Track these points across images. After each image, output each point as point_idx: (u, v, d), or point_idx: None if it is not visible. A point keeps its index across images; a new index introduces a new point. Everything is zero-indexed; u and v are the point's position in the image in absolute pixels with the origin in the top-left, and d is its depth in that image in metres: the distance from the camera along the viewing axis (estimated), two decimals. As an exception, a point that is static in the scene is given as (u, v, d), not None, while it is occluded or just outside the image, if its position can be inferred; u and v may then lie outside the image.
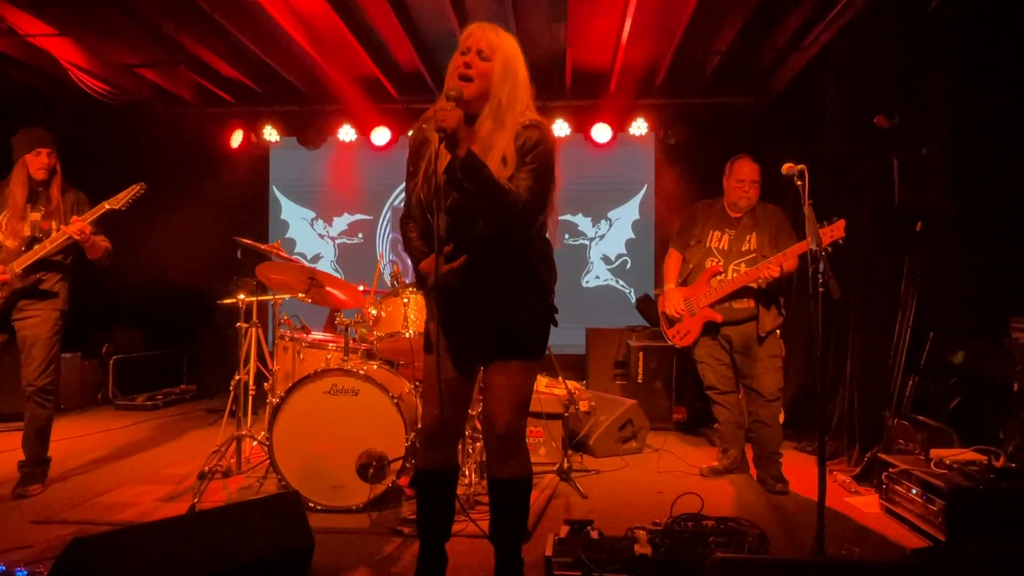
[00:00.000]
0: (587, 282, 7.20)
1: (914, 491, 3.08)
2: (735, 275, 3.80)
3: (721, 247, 3.91)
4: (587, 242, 7.20)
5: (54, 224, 3.59)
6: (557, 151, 2.24)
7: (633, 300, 6.84)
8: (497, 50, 2.19)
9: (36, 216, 3.63)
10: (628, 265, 7.16)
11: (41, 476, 3.69)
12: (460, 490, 3.38)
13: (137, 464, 4.27)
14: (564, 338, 4.96)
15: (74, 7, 4.70)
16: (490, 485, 2.37)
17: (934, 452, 3.21)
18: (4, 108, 5.58)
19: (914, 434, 3.57)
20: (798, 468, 4.10)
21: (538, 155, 2.17)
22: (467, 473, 3.56)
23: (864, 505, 3.47)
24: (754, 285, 3.76)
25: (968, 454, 3.14)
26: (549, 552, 2.56)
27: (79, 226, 3.50)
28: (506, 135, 2.16)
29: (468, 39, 2.20)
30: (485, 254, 2.14)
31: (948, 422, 3.53)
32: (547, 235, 2.37)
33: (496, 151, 2.13)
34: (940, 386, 3.72)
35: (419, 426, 3.09)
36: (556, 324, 2.40)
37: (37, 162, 3.62)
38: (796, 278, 4.45)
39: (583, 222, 7.19)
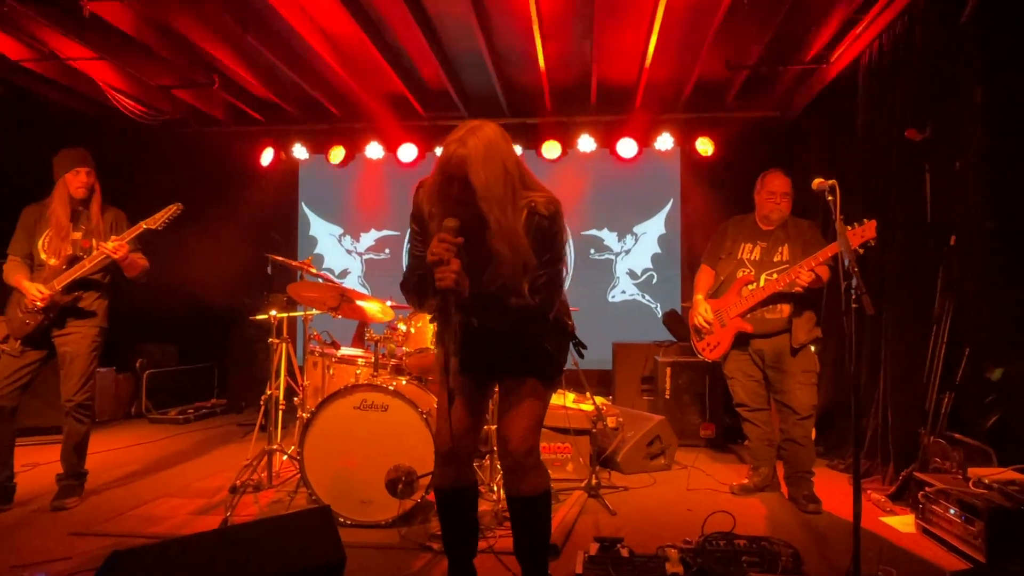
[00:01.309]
0: (613, 297, 7.18)
1: (952, 511, 3.01)
2: (766, 283, 3.77)
3: (753, 258, 3.89)
4: (613, 257, 7.18)
5: (94, 242, 3.68)
6: (565, 225, 2.23)
7: (660, 315, 6.80)
8: (472, 171, 2.02)
9: (77, 235, 3.73)
10: (654, 280, 7.13)
11: (79, 489, 3.77)
12: (488, 506, 3.39)
13: (170, 477, 4.33)
14: (590, 353, 4.91)
15: (113, 31, 4.84)
16: (508, 503, 2.38)
17: (972, 471, 3.14)
18: (46, 130, 5.76)
19: (951, 452, 3.50)
20: (830, 486, 4.03)
21: (552, 246, 2.16)
22: (495, 489, 3.56)
23: (900, 525, 3.40)
24: (787, 290, 3.71)
25: (1008, 473, 3.06)
26: (579, 570, 2.55)
27: (116, 245, 3.59)
28: (516, 218, 2.10)
29: (447, 165, 2.06)
30: (496, 305, 2.17)
31: (986, 440, 3.46)
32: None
33: (506, 235, 2.08)
34: (977, 403, 3.64)
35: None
36: (582, 346, 2.41)
37: (77, 181, 3.72)
38: (827, 292, 4.40)
39: (609, 237, 7.19)
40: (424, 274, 2.12)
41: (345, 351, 4.31)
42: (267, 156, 7.04)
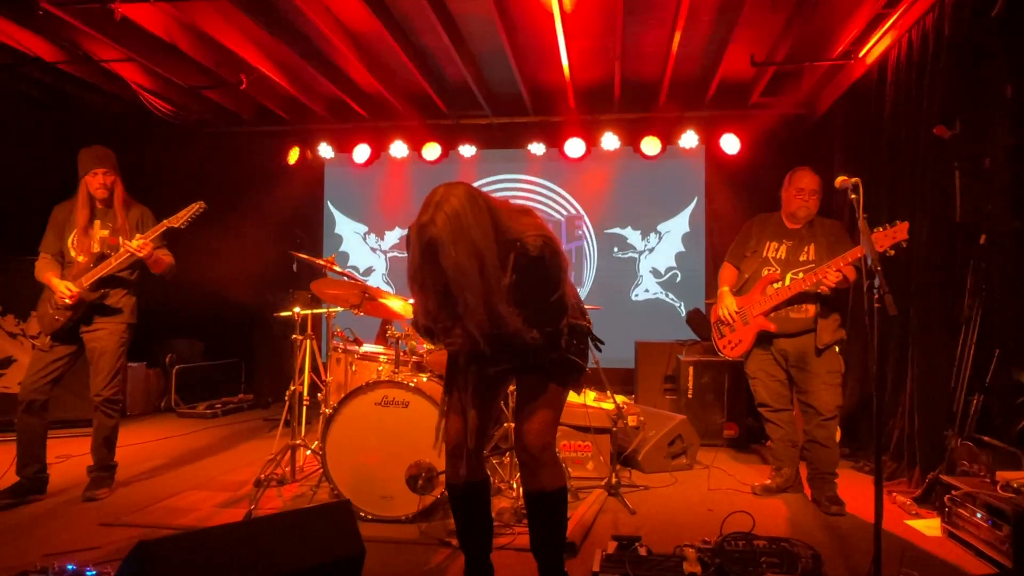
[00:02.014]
0: (636, 296, 7.15)
1: (979, 515, 2.96)
2: (792, 282, 3.73)
3: (778, 257, 3.84)
4: (636, 255, 7.16)
5: (120, 240, 3.75)
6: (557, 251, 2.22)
7: (683, 314, 6.76)
8: (443, 254, 2.04)
9: (104, 233, 3.81)
10: (678, 278, 7.09)
11: (108, 481, 3.86)
12: (507, 503, 3.41)
13: (197, 470, 4.42)
14: (613, 352, 4.91)
15: (144, 33, 4.95)
16: (525, 498, 2.41)
17: (1000, 475, 3.08)
18: (79, 129, 5.90)
19: (978, 455, 3.43)
20: (855, 488, 3.98)
21: (548, 281, 2.21)
22: (515, 486, 3.57)
23: (925, 529, 3.34)
24: (812, 290, 3.67)
25: (1037, 477, 3.00)
26: (596, 568, 2.55)
27: (140, 244, 3.65)
28: (497, 284, 2.11)
29: (421, 242, 2.08)
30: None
31: (1015, 443, 3.39)
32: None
33: (476, 315, 2.10)
34: (1007, 406, 3.56)
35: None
36: (599, 342, 2.42)
37: (95, 182, 3.79)
38: (852, 293, 4.34)
39: (632, 235, 7.16)
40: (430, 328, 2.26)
41: (367, 348, 4.35)
42: (293, 155, 7.14)
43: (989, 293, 3.70)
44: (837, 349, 3.79)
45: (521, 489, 3.48)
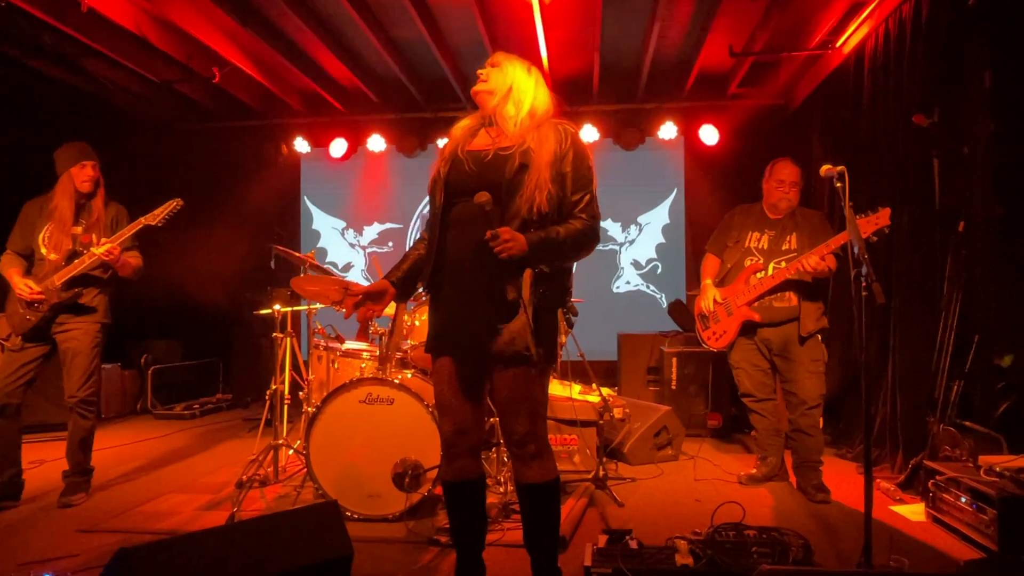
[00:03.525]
0: (618, 288, 7.15)
1: (963, 500, 2.99)
2: (775, 271, 3.74)
3: (761, 247, 3.85)
4: (617, 247, 7.15)
5: (94, 237, 3.65)
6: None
7: (665, 305, 6.78)
8: (503, 60, 2.39)
9: (78, 230, 3.70)
10: (659, 270, 7.10)
11: (85, 485, 3.76)
12: (495, 499, 3.38)
13: (177, 473, 4.33)
14: (596, 344, 4.92)
15: (112, 26, 4.81)
16: (517, 491, 2.38)
17: (983, 459, 3.11)
18: (47, 125, 5.73)
19: (960, 440, 3.47)
20: (839, 475, 4.01)
21: (580, 162, 2.29)
22: (502, 482, 3.55)
23: (910, 514, 3.38)
24: (795, 278, 3.68)
25: (1019, 461, 3.03)
26: (588, 562, 2.53)
27: (107, 248, 3.55)
28: (547, 131, 2.28)
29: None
30: (480, 266, 2.19)
31: (996, 428, 3.43)
32: None
33: (543, 153, 2.24)
34: (987, 391, 3.61)
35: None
36: (571, 325, 2.40)
37: (83, 175, 3.69)
38: (834, 279, 4.36)
39: (613, 227, 7.15)
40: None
41: (350, 345, 4.29)
42: (269, 150, 7.01)
43: (968, 280, 3.75)
44: (820, 337, 3.81)
45: (509, 484, 3.48)
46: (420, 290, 2.48)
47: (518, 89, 2.33)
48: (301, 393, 4.17)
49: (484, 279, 2.20)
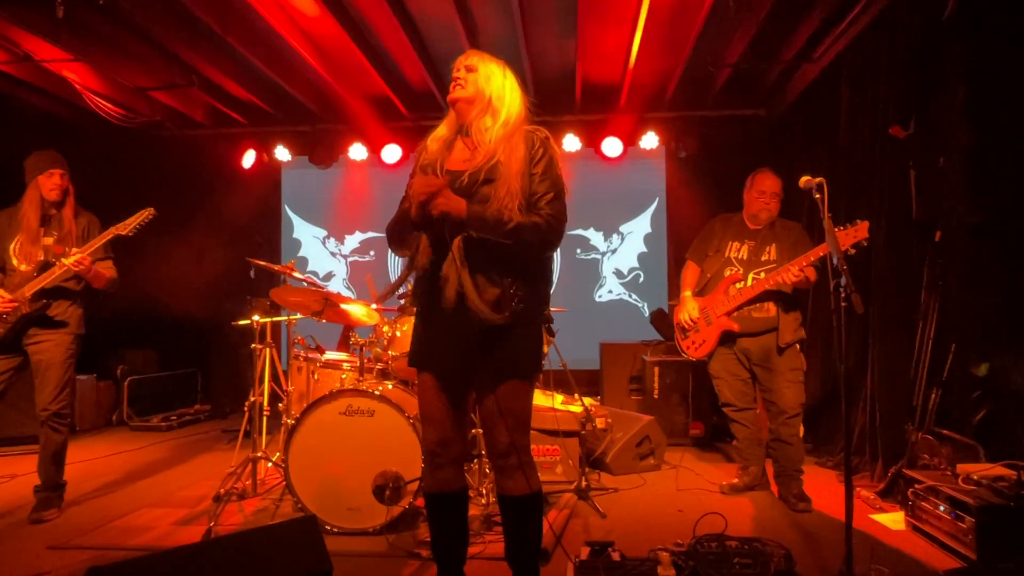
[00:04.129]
0: (600, 297, 7.16)
1: (942, 508, 3.01)
2: (755, 282, 3.76)
3: (740, 257, 3.87)
4: (599, 257, 7.17)
5: (66, 248, 3.59)
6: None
7: (647, 314, 6.79)
8: (480, 64, 2.37)
9: (49, 240, 3.64)
10: (641, 279, 7.12)
11: (57, 500, 3.68)
12: (476, 511, 3.35)
13: (152, 486, 4.25)
14: (578, 353, 4.92)
15: (88, 32, 4.74)
16: (499, 503, 2.36)
17: (961, 467, 3.14)
18: (20, 133, 5.63)
19: (939, 448, 3.50)
20: (819, 484, 4.03)
21: (549, 166, 2.31)
22: (484, 493, 3.52)
23: (890, 523, 3.40)
24: (774, 289, 3.70)
25: (997, 469, 3.07)
26: (571, 575, 2.51)
27: (77, 258, 3.48)
28: (517, 140, 2.28)
29: (455, 65, 2.40)
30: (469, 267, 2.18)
31: (973, 436, 3.46)
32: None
33: (512, 163, 2.24)
34: (964, 399, 3.65)
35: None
36: (552, 335, 2.39)
37: (50, 183, 3.63)
38: (813, 290, 4.40)
39: (595, 236, 7.17)
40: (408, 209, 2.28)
41: (330, 356, 4.25)
42: (248, 158, 6.93)
43: (945, 289, 3.79)
44: (799, 347, 3.84)
45: (491, 496, 3.45)
46: (402, 302, 2.47)
47: (497, 98, 2.33)
48: (280, 405, 4.11)
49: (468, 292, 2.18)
